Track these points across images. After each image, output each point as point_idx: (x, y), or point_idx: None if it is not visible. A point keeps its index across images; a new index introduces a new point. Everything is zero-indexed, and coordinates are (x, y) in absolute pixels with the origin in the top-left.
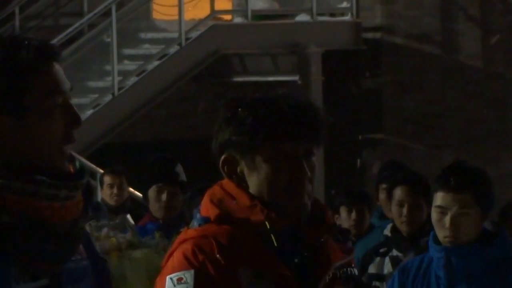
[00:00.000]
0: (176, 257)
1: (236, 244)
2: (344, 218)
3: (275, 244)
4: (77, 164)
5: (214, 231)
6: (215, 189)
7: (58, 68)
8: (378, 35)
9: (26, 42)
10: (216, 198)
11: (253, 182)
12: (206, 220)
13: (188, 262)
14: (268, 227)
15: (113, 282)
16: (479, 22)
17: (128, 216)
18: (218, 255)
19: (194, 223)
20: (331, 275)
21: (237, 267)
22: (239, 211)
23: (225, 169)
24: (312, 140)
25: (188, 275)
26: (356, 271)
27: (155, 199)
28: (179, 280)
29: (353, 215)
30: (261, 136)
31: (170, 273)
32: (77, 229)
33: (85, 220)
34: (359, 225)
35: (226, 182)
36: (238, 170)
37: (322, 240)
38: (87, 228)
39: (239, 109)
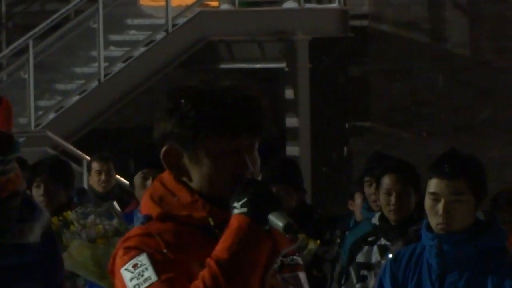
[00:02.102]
0: (122, 252)
1: (182, 240)
2: (359, 205)
3: (219, 237)
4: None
5: (158, 228)
6: (155, 186)
7: None
8: (365, 22)
9: None
10: (157, 196)
11: (195, 175)
12: (148, 218)
13: (137, 249)
14: (212, 222)
15: (101, 269)
16: (467, 10)
17: (115, 203)
18: (165, 250)
19: (135, 223)
20: (279, 263)
21: (186, 261)
22: (180, 208)
23: (167, 160)
24: (255, 134)
25: (142, 258)
26: (300, 260)
27: (141, 186)
28: (135, 266)
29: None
30: (204, 130)
31: (122, 266)
32: (5, 208)
33: (16, 199)
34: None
35: (166, 176)
36: (180, 162)
37: (267, 228)
38: (73, 214)
39: (182, 101)
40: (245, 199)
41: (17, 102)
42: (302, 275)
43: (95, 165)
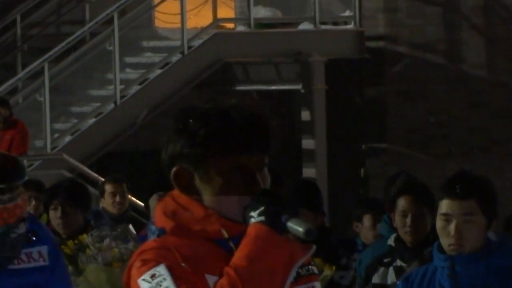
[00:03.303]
0: (139, 264)
1: (197, 253)
2: (368, 227)
3: (235, 249)
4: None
5: (174, 242)
6: (167, 201)
7: None
8: (381, 44)
9: None
10: (169, 211)
11: (207, 194)
12: (163, 232)
13: (155, 261)
14: (226, 235)
15: None
16: (483, 31)
17: (130, 226)
18: (183, 264)
19: (151, 236)
20: (295, 274)
21: (202, 274)
22: (194, 222)
23: (177, 181)
24: (264, 151)
25: (160, 269)
26: (315, 269)
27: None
28: (153, 276)
29: (379, 226)
30: (214, 148)
31: (139, 277)
32: (14, 234)
33: (23, 225)
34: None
35: (177, 193)
36: (191, 182)
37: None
38: (89, 238)
39: (190, 120)
40: (262, 208)
41: (33, 125)
42: (317, 285)
43: (109, 187)
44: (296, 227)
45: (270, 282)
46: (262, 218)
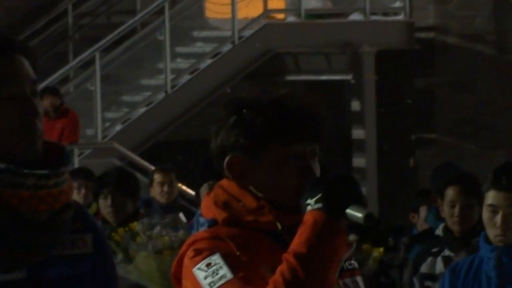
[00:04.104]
0: (192, 254)
1: (251, 244)
2: (423, 218)
3: (288, 242)
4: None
5: (227, 232)
6: (218, 192)
7: (18, 60)
8: (431, 34)
9: None
10: (220, 201)
11: (261, 184)
12: (214, 222)
13: (209, 250)
14: (280, 227)
15: (168, 281)
16: None
17: (181, 215)
18: (238, 253)
19: (199, 228)
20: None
21: (257, 264)
22: (246, 213)
23: (231, 170)
24: (316, 140)
25: (215, 257)
26: (356, 264)
27: None
28: (208, 265)
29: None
30: (270, 137)
31: (194, 266)
32: (58, 219)
33: (69, 211)
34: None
35: (227, 183)
36: (244, 172)
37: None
38: (139, 226)
39: (245, 111)
40: (319, 195)
41: (84, 114)
42: (359, 279)
43: (157, 177)
44: (355, 213)
45: (330, 267)
46: (319, 205)
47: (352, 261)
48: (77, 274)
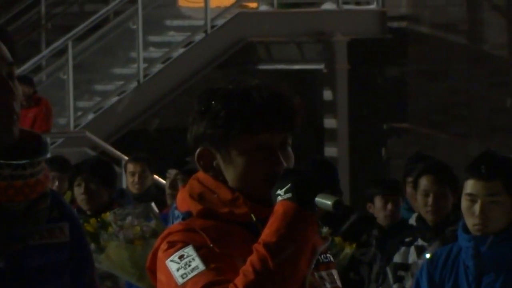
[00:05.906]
0: (166, 246)
1: (225, 236)
2: (379, 208)
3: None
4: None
5: (201, 224)
6: (193, 184)
7: None
8: (403, 24)
9: None
10: (196, 193)
11: (230, 175)
12: (189, 215)
13: (182, 242)
14: (254, 218)
15: (140, 270)
16: (505, 11)
17: (153, 204)
18: (211, 245)
19: (174, 221)
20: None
21: (231, 256)
22: (221, 205)
23: (201, 163)
24: (286, 130)
25: (188, 250)
26: (332, 258)
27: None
28: (181, 257)
29: (389, 206)
30: (235, 128)
31: (167, 259)
32: (35, 209)
33: (45, 200)
34: (394, 216)
35: (202, 175)
36: (214, 163)
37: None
38: (111, 216)
39: (212, 102)
40: (288, 185)
41: (56, 103)
42: (335, 272)
43: (129, 167)
44: (324, 200)
45: (299, 258)
46: (289, 195)
47: (328, 254)
48: (55, 262)
